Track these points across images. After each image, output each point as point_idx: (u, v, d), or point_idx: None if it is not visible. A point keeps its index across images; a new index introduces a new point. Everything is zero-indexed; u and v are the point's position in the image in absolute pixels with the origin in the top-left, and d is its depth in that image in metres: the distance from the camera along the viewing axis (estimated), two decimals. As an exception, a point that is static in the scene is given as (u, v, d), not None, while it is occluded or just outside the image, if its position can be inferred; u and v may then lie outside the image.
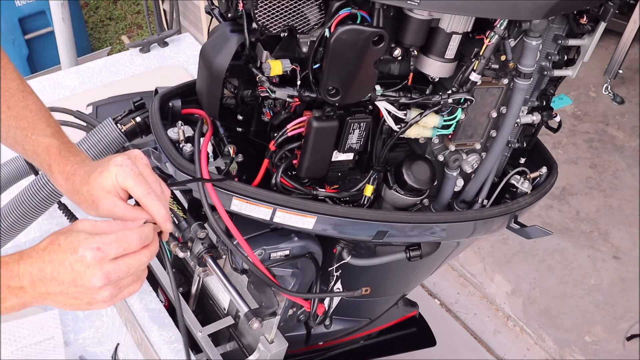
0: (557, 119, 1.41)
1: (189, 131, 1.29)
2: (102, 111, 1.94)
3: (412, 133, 1.26)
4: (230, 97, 1.29)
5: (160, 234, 0.99)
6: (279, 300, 1.36)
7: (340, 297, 1.64)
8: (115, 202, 0.97)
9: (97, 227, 0.91)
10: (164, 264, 1.00)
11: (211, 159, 1.29)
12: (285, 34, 1.13)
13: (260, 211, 1.24)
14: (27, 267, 0.88)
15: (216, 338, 1.67)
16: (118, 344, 1.60)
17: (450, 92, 1.20)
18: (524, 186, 1.41)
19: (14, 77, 1.12)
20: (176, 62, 2.45)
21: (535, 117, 1.36)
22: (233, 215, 1.25)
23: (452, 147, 1.33)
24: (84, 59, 3.95)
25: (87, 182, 0.99)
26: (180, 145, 1.26)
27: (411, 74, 1.20)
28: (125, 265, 0.90)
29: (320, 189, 1.30)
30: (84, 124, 1.69)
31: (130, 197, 0.99)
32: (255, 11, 1.08)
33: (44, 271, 0.87)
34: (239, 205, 1.23)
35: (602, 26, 1.22)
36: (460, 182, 1.41)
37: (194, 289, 1.64)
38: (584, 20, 1.20)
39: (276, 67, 1.12)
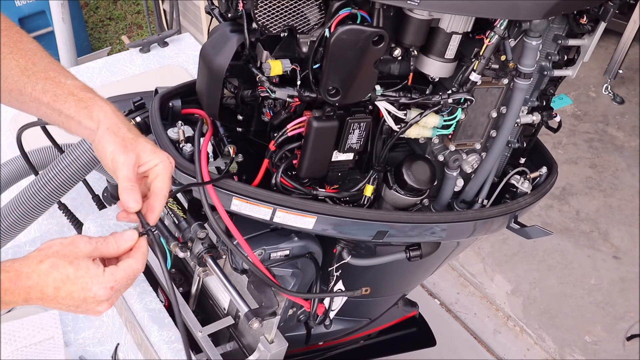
0: (557, 119, 1.41)
1: (189, 131, 1.29)
2: (102, 111, 1.93)
3: (412, 133, 1.26)
4: (230, 97, 1.29)
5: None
6: (279, 300, 1.36)
7: (341, 298, 1.64)
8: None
9: (97, 250, 0.93)
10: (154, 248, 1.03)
11: (211, 159, 1.29)
12: (285, 34, 1.13)
13: (260, 211, 1.24)
14: (25, 288, 0.88)
15: (216, 338, 1.67)
16: (118, 344, 1.60)
17: (450, 92, 1.20)
18: (524, 186, 1.41)
19: (31, 40, 1.15)
20: (176, 62, 2.45)
21: (535, 117, 1.36)
22: (233, 215, 1.25)
23: (452, 147, 1.33)
24: (84, 59, 3.95)
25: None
26: (180, 145, 1.26)
27: (411, 74, 1.20)
28: (124, 288, 0.95)
29: (320, 189, 1.30)
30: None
31: None
32: (255, 11, 1.08)
33: (44, 292, 0.89)
34: (239, 205, 1.23)
35: (602, 26, 1.22)
36: (460, 182, 1.41)
37: (194, 289, 1.64)
38: (584, 20, 1.20)
39: (276, 67, 1.11)
